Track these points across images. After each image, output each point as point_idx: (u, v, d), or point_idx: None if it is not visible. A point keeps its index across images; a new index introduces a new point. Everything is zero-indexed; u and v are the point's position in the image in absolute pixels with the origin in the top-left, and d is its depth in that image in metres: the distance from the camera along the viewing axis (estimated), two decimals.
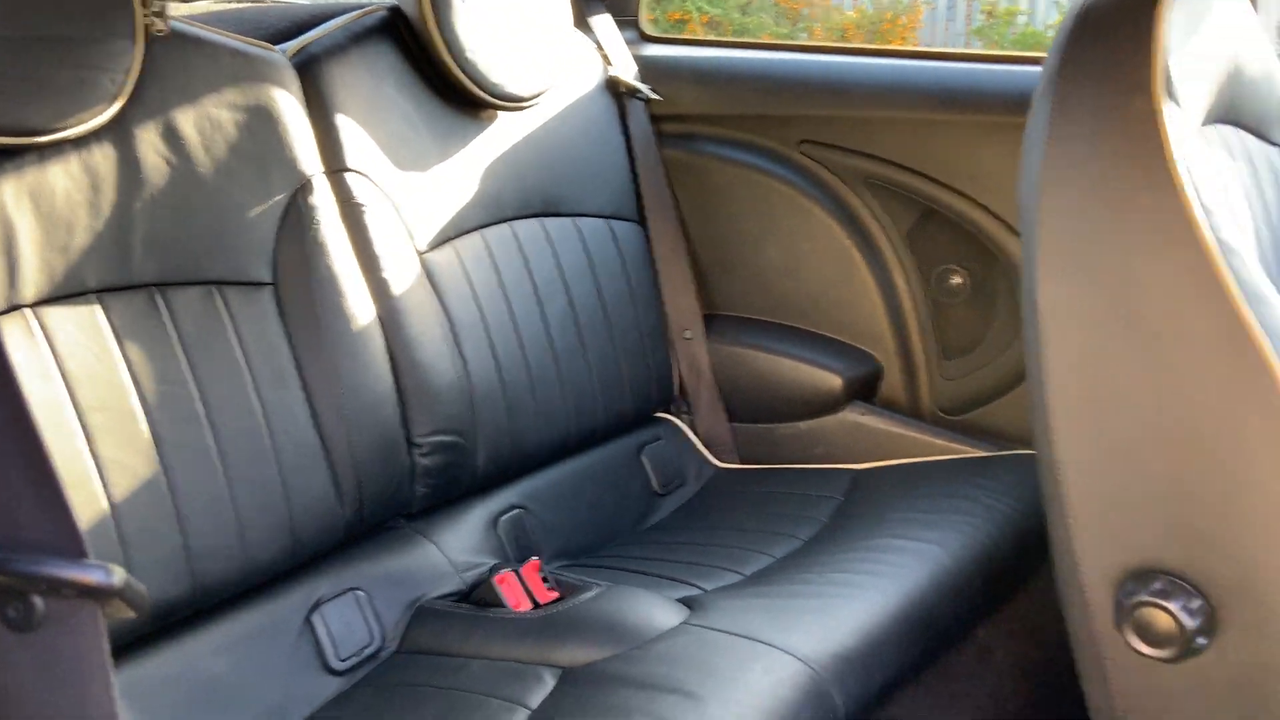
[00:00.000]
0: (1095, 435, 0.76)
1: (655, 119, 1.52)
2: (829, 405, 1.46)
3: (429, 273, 1.19)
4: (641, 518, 1.38)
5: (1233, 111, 0.92)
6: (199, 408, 0.98)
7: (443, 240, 1.22)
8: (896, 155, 1.41)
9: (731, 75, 1.55)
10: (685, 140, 1.54)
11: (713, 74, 1.57)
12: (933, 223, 1.42)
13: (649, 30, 1.64)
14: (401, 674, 1.01)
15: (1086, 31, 0.77)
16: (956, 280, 1.42)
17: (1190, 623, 0.73)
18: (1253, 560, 0.71)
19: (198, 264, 1.01)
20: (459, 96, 1.26)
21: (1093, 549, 0.77)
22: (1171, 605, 0.73)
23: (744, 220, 1.51)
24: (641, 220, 1.49)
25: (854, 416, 1.45)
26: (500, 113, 1.31)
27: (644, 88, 1.50)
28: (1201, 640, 0.74)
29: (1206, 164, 0.81)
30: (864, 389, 1.46)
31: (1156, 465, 0.74)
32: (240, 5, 1.55)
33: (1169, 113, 0.74)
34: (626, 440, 1.42)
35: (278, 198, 1.07)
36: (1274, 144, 1.00)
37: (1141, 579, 0.75)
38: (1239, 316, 0.69)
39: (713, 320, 1.54)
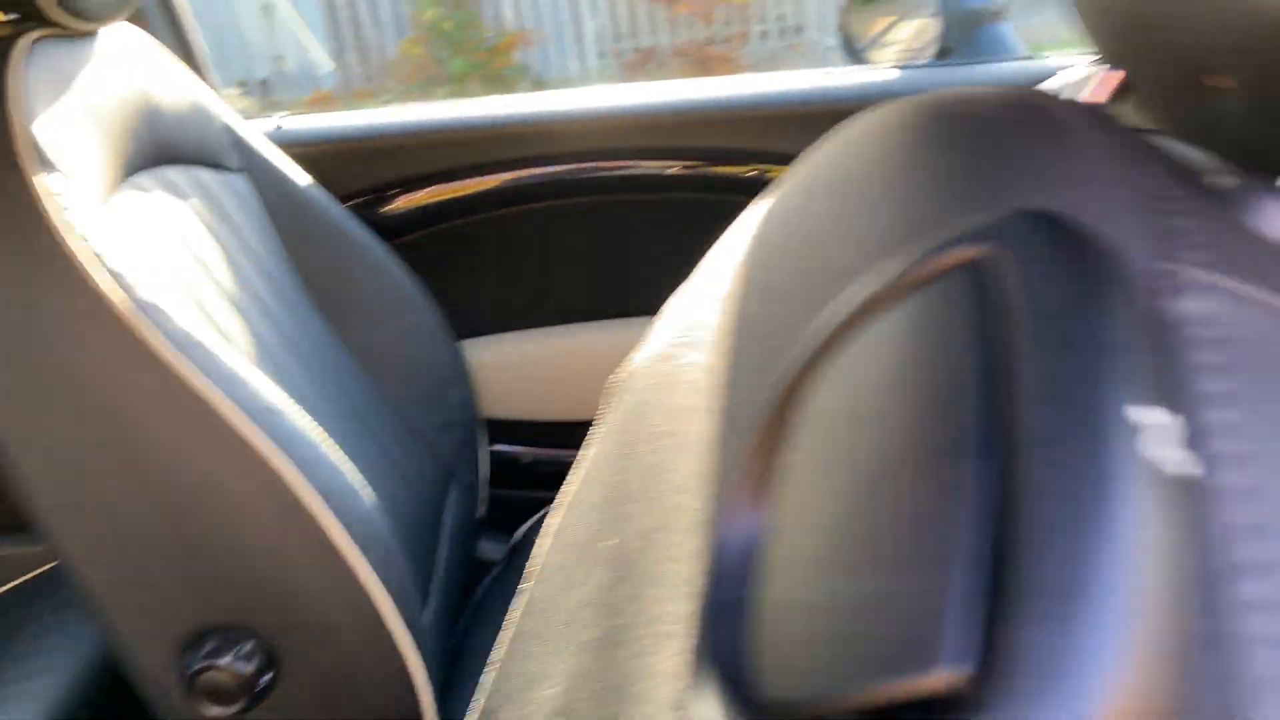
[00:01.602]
0: (95, 528, 0.71)
1: None
2: None
3: None
4: None
5: (168, 151, 0.93)
6: None
7: None
8: None
9: None
10: None
11: None
12: None
13: None
14: None
15: None
16: None
17: (248, 667, 0.74)
18: (274, 585, 0.74)
19: None
20: None
21: (139, 638, 0.73)
22: (224, 660, 0.73)
23: None
24: None
25: None
26: None
27: None
28: (269, 675, 0.75)
29: (121, 224, 0.79)
30: None
31: (160, 534, 0.71)
32: None
33: (53, 184, 0.70)
34: None
35: None
36: (232, 170, 1.04)
37: (194, 647, 0.73)
38: (173, 369, 0.69)
39: None
